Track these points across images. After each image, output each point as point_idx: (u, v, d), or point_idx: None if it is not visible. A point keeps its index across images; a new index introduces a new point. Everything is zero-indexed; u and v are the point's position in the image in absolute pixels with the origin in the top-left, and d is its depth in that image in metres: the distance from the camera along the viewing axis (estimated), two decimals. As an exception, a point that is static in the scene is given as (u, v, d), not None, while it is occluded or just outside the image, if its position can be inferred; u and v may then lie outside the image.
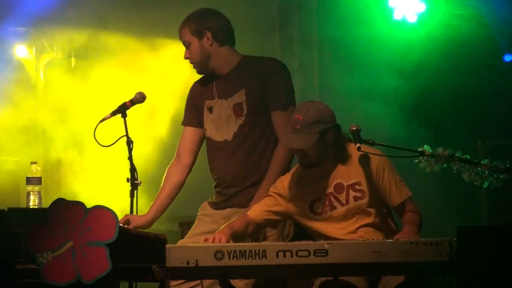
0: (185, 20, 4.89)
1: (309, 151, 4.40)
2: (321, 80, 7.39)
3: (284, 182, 4.56)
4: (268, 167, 4.72)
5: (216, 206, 4.85)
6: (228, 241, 4.24)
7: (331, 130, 4.43)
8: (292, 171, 4.61)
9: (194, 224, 4.89)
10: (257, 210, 4.52)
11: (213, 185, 4.92)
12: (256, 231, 4.53)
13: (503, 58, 7.09)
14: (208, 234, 4.71)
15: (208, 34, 4.82)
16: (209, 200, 4.92)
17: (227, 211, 4.79)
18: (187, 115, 4.99)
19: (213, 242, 4.20)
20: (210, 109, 4.87)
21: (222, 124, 4.83)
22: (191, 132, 4.96)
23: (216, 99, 4.87)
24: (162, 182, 4.95)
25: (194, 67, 4.90)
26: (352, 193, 4.45)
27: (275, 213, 4.53)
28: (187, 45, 4.86)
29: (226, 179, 4.82)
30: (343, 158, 4.49)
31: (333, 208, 4.45)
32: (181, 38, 4.88)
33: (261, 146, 4.78)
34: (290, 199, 4.52)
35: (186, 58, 4.89)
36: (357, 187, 4.45)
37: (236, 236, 4.38)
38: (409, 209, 4.42)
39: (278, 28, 7.68)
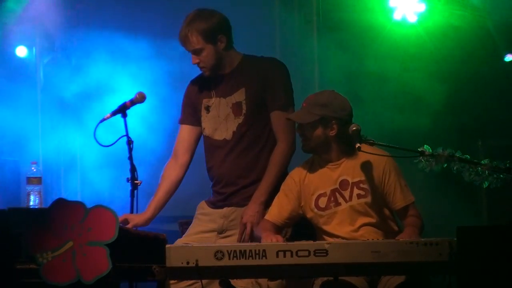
0: (189, 26, 4.69)
1: (308, 132, 4.44)
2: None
3: (294, 178, 4.59)
4: (265, 167, 4.72)
5: (214, 205, 4.84)
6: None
7: (336, 121, 4.43)
8: (300, 167, 4.62)
9: (192, 223, 4.88)
10: (276, 213, 4.54)
11: (210, 185, 4.92)
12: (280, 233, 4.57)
13: (504, 58, 7.09)
14: (206, 233, 4.73)
15: (222, 38, 4.74)
16: (207, 199, 4.91)
17: (225, 210, 4.79)
18: (184, 113, 4.98)
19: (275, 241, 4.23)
20: (207, 108, 4.86)
21: (221, 123, 4.81)
22: (188, 130, 4.95)
23: (214, 98, 4.85)
24: (160, 180, 4.95)
25: (204, 71, 4.79)
26: (356, 191, 4.46)
27: (292, 210, 4.55)
28: (198, 52, 4.72)
29: (223, 178, 4.81)
30: (350, 155, 4.50)
31: (337, 204, 4.47)
32: (190, 46, 4.70)
33: (259, 146, 4.78)
34: (299, 194, 4.55)
35: (195, 63, 4.76)
36: (361, 185, 4.46)
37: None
38: (411, 214, 4.44)
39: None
